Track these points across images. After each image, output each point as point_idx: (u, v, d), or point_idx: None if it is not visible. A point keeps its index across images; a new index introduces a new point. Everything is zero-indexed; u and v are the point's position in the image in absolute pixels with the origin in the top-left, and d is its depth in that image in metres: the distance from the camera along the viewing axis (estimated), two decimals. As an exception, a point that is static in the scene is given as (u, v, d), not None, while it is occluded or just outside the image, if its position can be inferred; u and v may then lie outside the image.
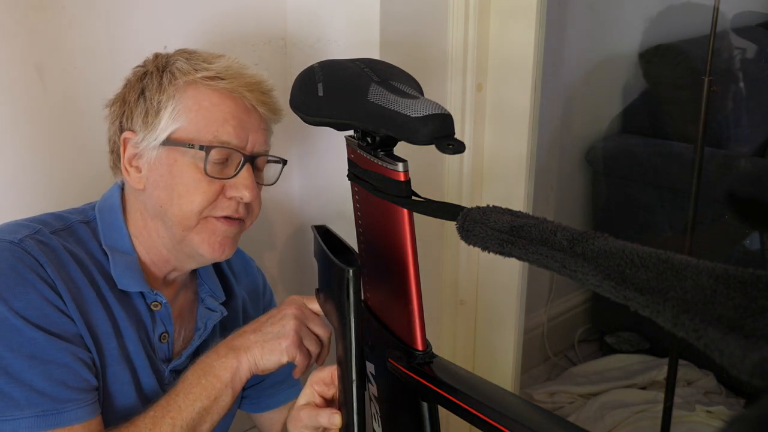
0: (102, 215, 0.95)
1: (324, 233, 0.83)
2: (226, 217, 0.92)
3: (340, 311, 0.77)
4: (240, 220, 0.94)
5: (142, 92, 0.92)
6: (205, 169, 0.89)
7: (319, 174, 1.43)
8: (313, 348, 0.90)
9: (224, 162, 0.91)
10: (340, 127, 0.83)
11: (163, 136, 0.90)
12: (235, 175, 0.91)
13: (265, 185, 0.99)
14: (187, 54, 0.96)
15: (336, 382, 0.87)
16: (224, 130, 0.90)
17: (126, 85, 0.96)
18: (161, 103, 0.91)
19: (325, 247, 0.79)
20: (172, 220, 0.91)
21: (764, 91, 2.38)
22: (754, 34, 2.41)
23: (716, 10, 1.56)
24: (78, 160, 1.15)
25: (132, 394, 0.92)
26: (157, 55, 0.96)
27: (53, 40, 1.09)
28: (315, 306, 0.92)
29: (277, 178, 1.00)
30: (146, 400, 0.94)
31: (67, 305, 0.85)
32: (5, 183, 1.09)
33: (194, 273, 1.04)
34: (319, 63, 0.84)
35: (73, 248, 0.90)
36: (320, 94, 0.80)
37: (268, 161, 0.99)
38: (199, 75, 0.91)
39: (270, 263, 1.48)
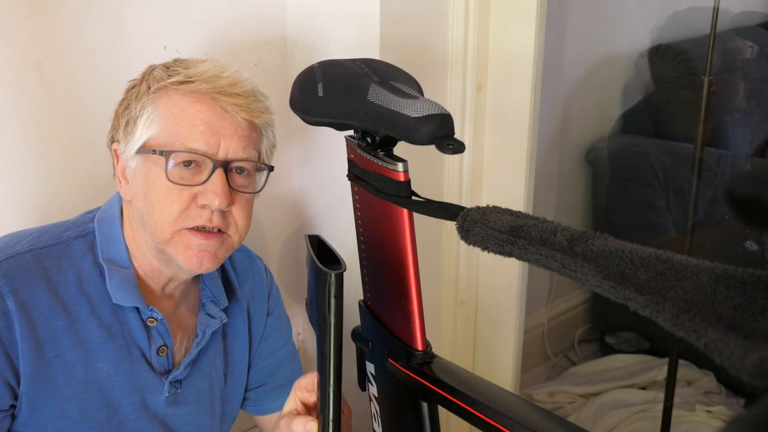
0: (100, 228, 0.94)
1: (317, 243, 0.83)
2: (201, 229, 0.88)
3: (322, 315, 0.77)
4: (220, 234, 0.90)
5: (128, 105, 0.92)
6: (167, 175, 0.86)
7: (319, 174, 1.43)
8: None
9: (197, 168, 0.88)
10: (340, 127, 0.83)
11: (138, 145, 0.89)
12: (205, 181, 0.87)
13: (249, 193, 0.93)
14: (172, 61, 0.94)
15: (317, 389, 0.86)
16: (191, 135, 0.87)
17: (120, 100, 0.96)
18: (138, 112, 0.89)
19: (312, 254, 0.79)
20: (151, 231, 0.89)
21: (764, 91, 2.38)
22: (754, 34, 2.41)
23: (716, 10, 1.56)
24: (77, 160, 1.15)
25: (104, 419, 0.91)
26: (148, 66, 0.95)
27: (53, 40, 1.09)
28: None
29: (263, 186, 0.95)
30: (148, 417, 0.94)
31: (16, 338, 0.84)
32: (4, 182, 1.09)
33: (197, 277, 1.03)
34: (319, 63, 0.84)
35: (58, 269, 0.89)
36: (320, 94, 0.80)
37: (258, 169, 0.94)
38: (170, 80, 0.89)
39: (269, 263, 1.48)
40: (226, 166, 0.88)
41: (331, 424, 0.80)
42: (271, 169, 0.95)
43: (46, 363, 0.86)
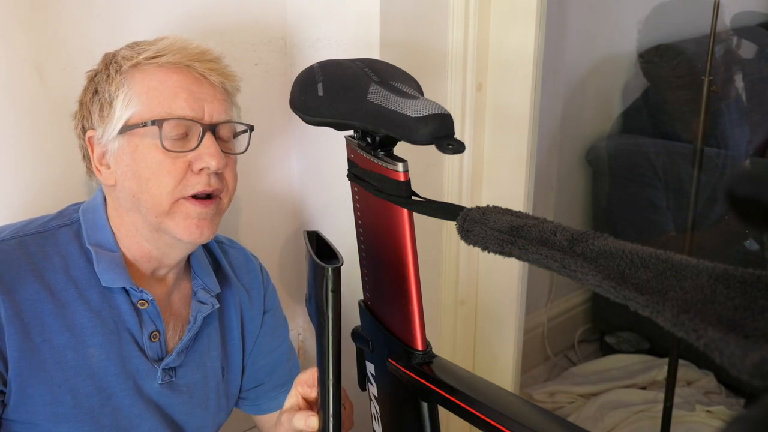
0: (86, 216, 0.95)
1: (315, 239, 0.83)
2: (199, 197, 0.91)
3: (320, 310, 0.77)
4: (216, 198, 0.92)
5: (95, 90, 0.93)
6: (162, 145, 0.88)
7: (319, 174, 1.43)
8: None
9: (185, 137, 0.90)
10: (340, 127, 0.83)
11: (119, 125, 0.90)
12: (197, 146, 0.89)
13: (237, 154, 0.97)
14: (132, 43, 0.96)
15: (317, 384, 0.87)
16: (176, 104, 0.89)
17: (82, 90, 0.97)
18: (112, 94, 0.91)
19: (310, 249, 0.79)
20: (146, 207, 0.90)
21: (764, 91, 2.38)
22: (754, 34, 2.41)
23: (716, 7, 1.56)
24: (77, 159, 1.15)
25: (97, 405, 0.91)
26: (105, 54, 0.97)
27: (53, 40, 1.09)
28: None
29: (247, 146, 0.99)
30: (143, 403, 0.94)
31: (2, 321, 0.84)
32: (5, 182, 1.09)
33: (188, 268, 1.04)
34: (319, 63, 0.84)
35: (44, 255, 0.89)
36: (320, 94, 0.80)
37: (236, 134, 0.97)
38: (141, 57, 0.91)
39: (269, 263, 1.48)
40: (213, 129, 0.91)
41: (331, 419, 0.80)
42: (251, 128, 0.98)
43: (34, 347, 0.86)
